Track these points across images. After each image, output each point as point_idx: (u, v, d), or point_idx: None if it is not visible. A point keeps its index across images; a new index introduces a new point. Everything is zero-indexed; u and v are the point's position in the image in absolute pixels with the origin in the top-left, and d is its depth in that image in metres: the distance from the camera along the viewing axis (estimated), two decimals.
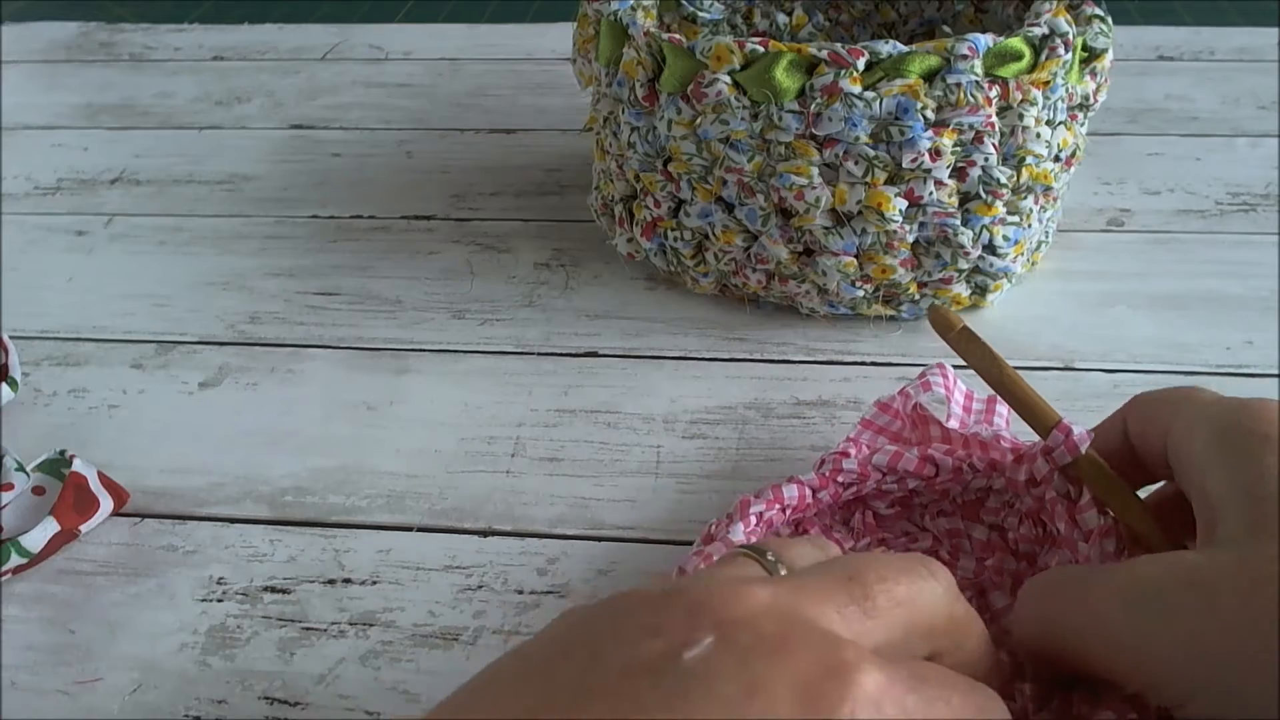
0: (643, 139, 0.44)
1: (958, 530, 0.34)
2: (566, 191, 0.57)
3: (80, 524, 0.37)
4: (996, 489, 0.33)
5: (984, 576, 0.32)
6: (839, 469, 0.32)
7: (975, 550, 0.33)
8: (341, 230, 0.55)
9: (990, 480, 0.33)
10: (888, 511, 0.34)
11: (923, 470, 0.32)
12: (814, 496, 0.32)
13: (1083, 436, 0.30)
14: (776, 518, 0.32)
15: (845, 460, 0.32)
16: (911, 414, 0.35)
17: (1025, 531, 0.33)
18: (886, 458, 0.32)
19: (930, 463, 0.32)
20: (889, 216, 0.40)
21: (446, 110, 0.67)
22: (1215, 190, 0.54)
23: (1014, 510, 0.33)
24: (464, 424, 0.42)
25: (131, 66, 0.75)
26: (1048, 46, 0.40)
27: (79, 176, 0.61)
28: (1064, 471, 0.30)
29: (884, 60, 0.39)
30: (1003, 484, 0.33)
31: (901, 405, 0.35)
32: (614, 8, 0.44)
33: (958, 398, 0.36)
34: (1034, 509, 0.32)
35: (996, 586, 0.32)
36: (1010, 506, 0.33)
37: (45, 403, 0.44)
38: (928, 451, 0.32)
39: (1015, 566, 0.33)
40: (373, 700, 0.32)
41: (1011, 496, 0.33)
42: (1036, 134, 0.41)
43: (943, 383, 0.35)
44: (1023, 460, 0.31)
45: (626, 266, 0.50)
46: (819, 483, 0.32)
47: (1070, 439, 0.30)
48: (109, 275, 0.52)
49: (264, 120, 0.66)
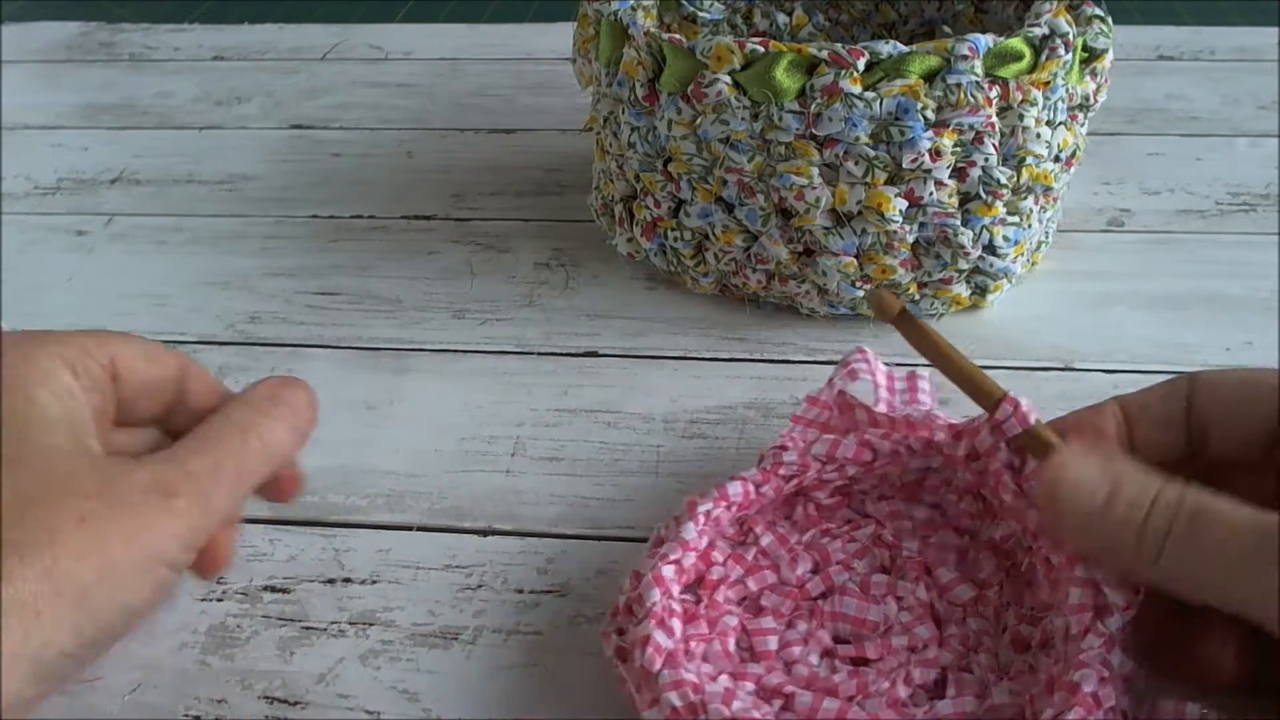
0: (643, 139, 0.44)
1: (899, 512, 0.34)
2: (566, 191, 0.57)
3: None
4: (935, 468, 0.33)
5: (928, 554, 0.33)
6: (780, 462, 0.33)
7: (918, 530, 0.34)
8: (341, 230, 0.55)
9: (929, 460, 0.33)
10: (829, 501, 0.35)
11: (861, 456, 0.33)
12: (758, 492, 0.32)
13: (1030, 407, 0.30)
14: (724, 515, 0.32)
15: (785, 454, 0.33)
16: (837, 401, 0.35)
17: (965, 507, 0.33)
18: (825, 446, 0.33)
19: (868, 448, 0.33)
20: (889, 217, 0.40)
21: (446, 110, 0.67)
22: (1215, 190, 0.54)
23: (952, 488, 0.34)
24: (464, 424, 0.42)
25: (131, 66, 0.75)
26: (1048, 47, 0.40)
27: (79, 176, 0.61)
28: (1012, 443, 0.31)
29: (884, 60, 0.39)
30: (940, 462, 0.33)
31: (829, 396, 0.35)
32: (614, 8, 0.44)
33: (881, 380, 0.36)
34: (973, 484, 0.33)
35: (942, 563, 0.33)
36: (949, 484, 0.34)
37: None
38: (864, 437, 0.33)
39: (958, 542, 0.33)
40: (373, 700, 0.32)
41: (950, 474, 0.33)
42: (1037, 134, 0.41)
43: (867, 367, 0.36)
44: (962, 436, 0.32)
45: (626, 266, 0.50)
46: (761, 478, 0.33)
47: (1019, 411, 0.30)
48: (109, 275, 0.52)
49: (264, 120, 0.66)
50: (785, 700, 0.29)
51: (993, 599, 0.32)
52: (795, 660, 0.31)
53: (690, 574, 0.31)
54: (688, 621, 0.31)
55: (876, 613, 0.32)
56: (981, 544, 0.33)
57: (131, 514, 0.26)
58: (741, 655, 0.31)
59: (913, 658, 0.30)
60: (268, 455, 0.30)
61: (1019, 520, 0.31)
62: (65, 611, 0.25)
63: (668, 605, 0.29)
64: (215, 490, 0.28)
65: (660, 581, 0.30)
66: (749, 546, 0.33)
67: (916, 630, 0.31)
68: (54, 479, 0.26)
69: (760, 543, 0.33)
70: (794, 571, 0.33)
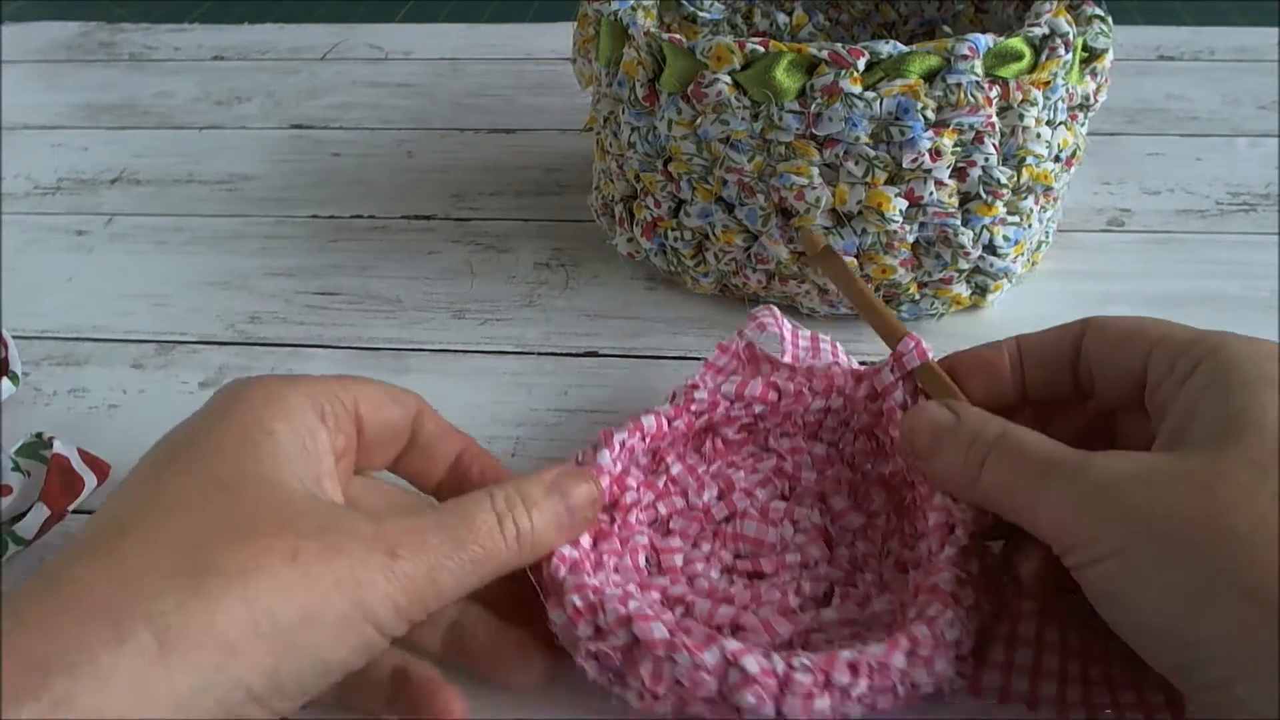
0: (643, 139, 0.44)
1: (799, 448, 0.37)
2: (567, 191, 0.57)
3: (68, 504, 0.37)
4: (834, 409, 0.37)
5: (824, 485, 0.36)
6: (691, 399, 0.36)
7: (816, 464, 0.37)
8: (341, 230, 0.55)
9: (829, 401, 0.36)
10: (736, 437, 0.37)
11: (766, 396, 0.36)
12: (670, 425, 0.35)
13: (928, 347, 0.34)
14: (638, 445, 0.35)
15: (696, 391, 0.36)
16: (745, 352, 0.38)
17: (859, 446, 0.37)
18: (734, 386, 0.36)
19: (773, 389, 0.36)
20: (889, 216, 0.40)
21: (446, 110, 0.67)
22: (1215, 190, 0.54)
23: (849, 428, 0.37)
24: (464, 424, 0.41)
25: (131, 66, 0.75)
26: (1048, 47, 0.40)
27: (79, 176, 0.61)
28: (909, 378, 0.34)
29: (884, 60, 0.39)
30: (840, 403, 0.36)
31: (739, 346, 0.38)
32: (614, 8, 0.44)
33: (787, 335, 0.38)
34: (868, 425, 0.36)
35: (835, 493, 0.36)
36: (846, 425, 0.37)
37: (45, 402, 0.44)
38: (770, 379, 0.36)
39: (850, 476, 0.36)
40: None
41: (848, 414, 0.37)
42: (1037, 134, 0.41)
43: (774, 322, 0.38)
44: (864, 378, 0.36)
45: (626, 266, 0.50)
46: (673, 413, 0.36)
47: (919, 346, 0.34)
48: (109, 275, 0.52)
49: (264, 120, 0.66)
50: (686, 608, 0.32)
51: (880, 526, 0.35)
52: (698, 575, 0.33)
53: (605, 496, 0.33)
54: (601, 539, 0.33)
55: (774, 534, 0.35)
56: (872, 479, 0.36)
57: (349, 563, 0.25)
58: (650, 570, 0.34)
59: (804, 573, 0.33)
60: (519, 550, 0.28)
61: (905, 457, 0.34)
62: (262, 651, 0.23)
63: None
64: (444, 567, 0.26)
65: None
66: (660, 474, 0.36)
67: (809, 549, 0.34)
68: (272, 512, 0.25)
69: (670, 471, 0.36)
70: (700, 497, 0.36)
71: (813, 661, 0.27)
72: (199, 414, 0.28)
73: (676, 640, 0.28)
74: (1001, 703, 0.29)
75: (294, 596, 0.24)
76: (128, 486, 0.26)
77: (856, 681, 0.27)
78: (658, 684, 0.28)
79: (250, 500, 0.25)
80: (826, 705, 0.27)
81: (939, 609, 0.29)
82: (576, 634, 0.29)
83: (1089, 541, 0.27)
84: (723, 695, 0.27)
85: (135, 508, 0.25)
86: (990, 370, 0.33)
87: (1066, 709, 0.29)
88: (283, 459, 0.26)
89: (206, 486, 0.25)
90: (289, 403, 0.28)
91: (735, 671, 0.27)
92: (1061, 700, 0.29)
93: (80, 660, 0.21)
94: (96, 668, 0.21)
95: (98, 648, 0.21)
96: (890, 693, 0.28)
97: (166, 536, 0.24)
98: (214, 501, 0.25)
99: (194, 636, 0.22)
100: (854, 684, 0.27)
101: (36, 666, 0.21)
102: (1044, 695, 0.29)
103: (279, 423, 0.27)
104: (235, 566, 0.23)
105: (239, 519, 0.24)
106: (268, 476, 0.26)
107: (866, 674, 0.27)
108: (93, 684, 0.21)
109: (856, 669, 0.27)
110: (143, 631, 0.22)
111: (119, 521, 0.24)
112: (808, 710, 0.27)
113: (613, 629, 0.29)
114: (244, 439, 0.26)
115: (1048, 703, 0.29)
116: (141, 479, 0.26)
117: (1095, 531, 0.26)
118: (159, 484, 0.25)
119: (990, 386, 0.34)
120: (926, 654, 0.28)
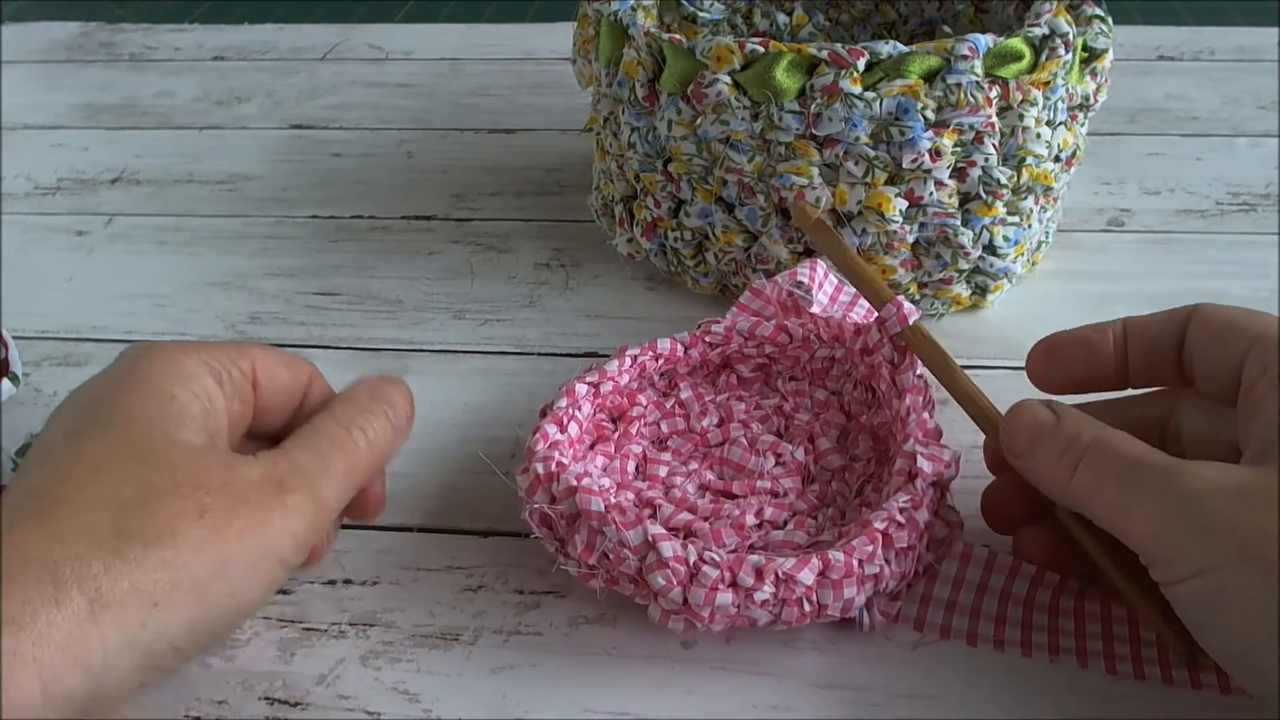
0: (643, 139, 0.44)
1: (802, 391, 0.40)
2: (567, 191, 0.57)
3: None
4: (838, 358, 0.39)
5: (815, 427, 0.38)
6: (707, 331, 0.39)
7: (814, 407, 0.39)
8: (342, 230, 0.55)
9: (833, 350, 0.39)
10: (749, 375, 0.40)
11: (777, 338, 0.38)
12: (685, 351, 0.38)
13: (911, 310, 0.35)
14: (650, 364, 0.38)
15: (715, 325, 0.39)
16: (784, 301, 0.40)
17: (856, 395, 0.39)
18: (748, 324, 0.39)
19: (784, 332, 0.38)
20: (889, 217, 0.40)
21: (447, 110, 0.67)
22: (1215, 190, 0.54)
23: (850, 378, 0.39)
24: (464, 424, 0.42)
25: (131, 66, 0.75)
26: (1048, 47, 0.40)
27: (79, 176, 0.61)
28: (894, 340, 0.36)
29: (884, 60, 0.39)
30: (843, 353, 0.39)
31: (773, 291, 0.40)
32: (614, 8, 0.44)
33: (827, 289, 0.41)
34: (866, 376, 0.38)
35: (823, 434, 0.38)
36: (848, 375, 0.39)
37: (46, 402, 0.44)
38: (782, 322, 0.38)
39: (843, 423, 0.39)
40: (373, 700, 0.32)
41: (850, 365, 0.39)
42: (1037, 134, 0.41)
43: (809, 273, 0.40)
44: (860, 332, 0.37)
45: (626, 266, 0.50)
46: (689, 340, 0.39)
47: (900, 311, 0.35)
48: (109, 275, 0.52)
49: (264, 120, 0.66)
50: (653, 510, 0.35)
51: (859, 471, 0.36)
52: (675, 486, 0.36)
53: (609, 404, 0.38)
54: (600, 441, 0.37)
55: (755, 463, 0.37)
56: (863, 426, 0.38)
57: (249, 509, 0.27)
58: (636, 476, 0.37)
59: (771, 500, 0.35)
60: (371, 451, 0.31)
61: (888, 407, 0.36)
62: (182, 604, 0.26)
63: (570, 412, 0.35)
64: (325, 486, 0.29)
65: (570, 393, 0.36)
66: (671, 397, 0.40)
67: (783, 481, 0.36)
68: (182, 472, 0.27)
69: (680, 395, 0.40)
70: (700, 422, 0.39)
71: (721, 559, 0.30)
72: (104, 377, 0.30)
73: (609, 516, 0.31)
74: (941, 639, 0.32)
75: (206, 551, 0.26)
76: (50, 450, 0.28)
77: (761, 586, 0.29)
78: (589, 554, 0.31)
79: (163, 464, 0.27)
80: (729, 600, 0.29)
81: (863, 542, 0.30)
82: (534, 500, 0.32)
83: (1176, 556, 0.27)
84: (641, 575, 0.30)
85: (61, 473, 0.27)
86: (1091, 352, 0.33)
87: (1004, 645, 0.31)
88: (185, 420, 0.29)
89: (123, 452, 0.27)
90: (186, 368, 0.30)
91: (653, 554, 0.30)
92: (999, 639, 0.32)
93: (24, 619, 0.24)
94: (37, 626, 0.24)
95: (38, 607, 0.24)
96: (795, 606, 0.30)
97: (93, 502, 0.26)
98: (130, 465, 0.27)
99: (120, 597, 0.25)
100: (758, 589, 0.29)
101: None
102: (981, 634, 0.32)
103: (178, 386, 0.29)
104: (153, 531, 0.26)
105: (154, 481, 0.27)
106: (174, 439, 0.28)
107: (772, 580, 0.29)
108: (34, 639, 0.24)
109: (762, 574, 0.29)
110: (76, 594, 0.24)
111: (49, 487, 0.27)
112: (710, 600, 0.29)
113: (561, 497, 0.32)
114: (149, 403, 0.28)
115: (985, 641, 0.32)
116: (63, 444, 0.28)
117: (1183, 545, 0.26)
118: (80, 450, 0.27)
119: (1091, 368, 0.33)
120: (836, 578, 0.30)
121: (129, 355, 0.31)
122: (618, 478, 0.36)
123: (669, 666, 0.32)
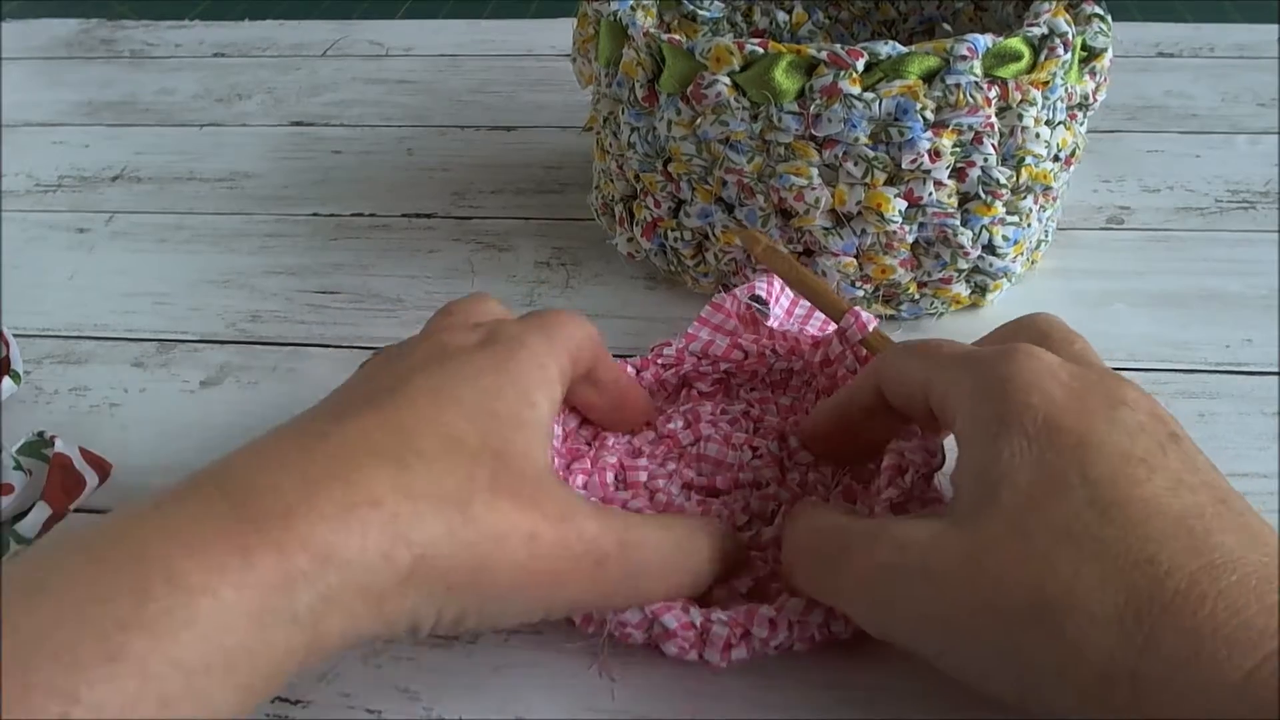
0: (643, 139, 0.44)
1: (766, 399, 0.40)
2: (567, 189, 0.57)
3: (70, 503, 0.38)
4: (796, 370, 0.40)
5: (784, 427, 0.38)
6: (659, 354, 0.39)
7: (780, 412, 0.39)
8: (342, 228, 0.55)
9: (791, 363, 0.39)
10: (709, 390, 0.40)
11: (731, 355, 0.39)
12: (638, 375, 0.39)
13: (870, 319, 0.36)
14: None
15: (666, 348, 0.39)
16: (744, 314, 0.40)
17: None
18: (700, 345, 0.39)
19: (738, 348, 0.39)
20: (888, 217, 0.40)
21: (447, 107, 0.67)
22: (1215, 188, 0.54)
23: (810, 388, 0.39)
24: None
25: (132, 63, 0.75)
26: (1047, 46, 0.40)
27: (80, 174, 0.61)
28: (855, 349, 0.37)
29: (883, 61, 0.39)
30: (801, 365, 0.39)
31: (732, 305, 0.40)
32: (614, 8, 0.44)
33: (784, 302, 0.41)
34: (827, 386, 0.38)
35: (793, 433, 0.38)
36: (808, 385, 0.40)
37: (47, 401, 0.44)
38: (736, 340, 0.39)
39: None
40: (374, 699, 0.32)
41: (809, 377, 0.39)
42: (1036, 134, 0.41)
43: (766, 287, 0.40)
44: (819, 345, 0.38)
45: (627, 266, 0.50)
46: (641, 364, 0.39)
47: (859, 320, 0.36)
48: (110, 273, 0.52)
49: (264, 117, 0.66)
50: None
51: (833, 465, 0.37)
52: (659, 490, 0.36)
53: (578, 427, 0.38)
54: (574, 459, 0.36)
55: (733, 456, 0.37)
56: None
57: (569, 569, 0.28)
58: (617, 487, 0.36)
59: (754, 492, 0.36)
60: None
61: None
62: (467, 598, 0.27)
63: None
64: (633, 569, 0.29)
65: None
66: None
67: (763, 472, 0.36)
68: (526, 487, 0.27)
69: None
70: (667, 426, 0.38)
71: (729, 616, 0.30)
72: (476, 360, 0.30)
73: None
74: None
75: (510, 576, 0.27)
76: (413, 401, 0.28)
77: (776, 635, 0.30)
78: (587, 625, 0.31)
79: (514, 471, 0.27)
80: (744, 654, 0.30)
81: None
82: None
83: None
84: (652, 644, 0.31)
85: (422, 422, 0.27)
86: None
87: None
88: (537, 436, 0.29)
89: (479, 450, 0.27)
90: (550, 374, 0.30)
91: (658, 626, 0.30)
92: None
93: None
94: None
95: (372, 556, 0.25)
96: (808, 641, 0.30)
97: (444, 471, 0.26)
98: (484, 461, 0.27)
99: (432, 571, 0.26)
100: (773, 637, 0.30)
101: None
102: None
103: (540, 393, 0.30)
104: (487, 528, 0.26)
105: (503, 481, 0.27)
106: (526, 452, 0.28)
107: (785, 628, 0.30)
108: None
109: (775, 625, 0.30)
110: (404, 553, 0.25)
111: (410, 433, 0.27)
112: (726, 657, 0.30)
113: None
114: (515, 409, 0.29)
115: None
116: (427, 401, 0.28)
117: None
118: (438, 416, 0.28)
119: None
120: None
121: (502, 341, 0.30)
122: (600, 492, 0.36)
123: (670, 667, 0.32)
